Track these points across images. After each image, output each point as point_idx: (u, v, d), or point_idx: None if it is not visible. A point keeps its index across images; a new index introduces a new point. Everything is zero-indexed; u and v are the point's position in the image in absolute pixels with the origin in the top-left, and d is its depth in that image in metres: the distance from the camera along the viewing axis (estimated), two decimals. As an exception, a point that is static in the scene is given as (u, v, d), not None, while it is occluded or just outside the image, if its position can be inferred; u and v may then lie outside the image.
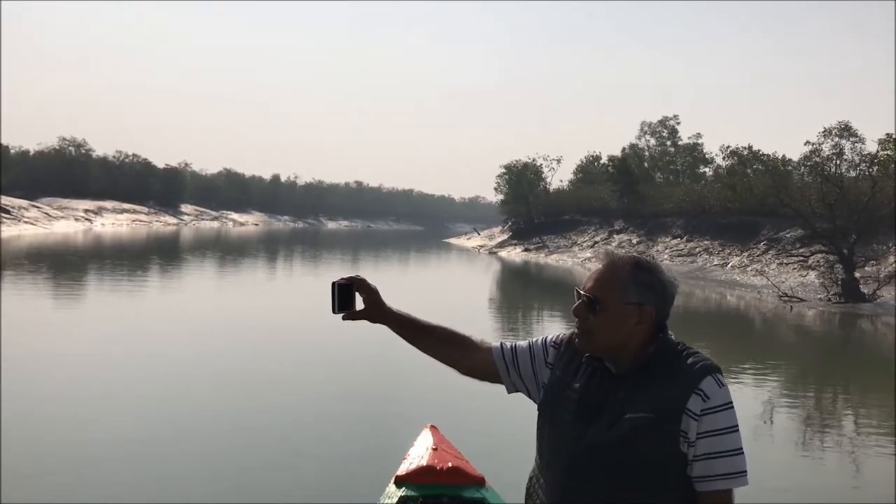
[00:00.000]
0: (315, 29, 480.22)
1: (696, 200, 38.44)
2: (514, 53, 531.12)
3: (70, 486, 5.31)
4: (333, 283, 1.94)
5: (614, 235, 42.23)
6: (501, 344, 2.03)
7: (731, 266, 31.76)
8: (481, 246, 53.99)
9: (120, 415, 7.18)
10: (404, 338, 2.06)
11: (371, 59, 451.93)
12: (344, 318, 1.99)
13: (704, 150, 54.14)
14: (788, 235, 31.65)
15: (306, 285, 23.76)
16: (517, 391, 2.01)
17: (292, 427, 7.12)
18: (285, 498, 5.39)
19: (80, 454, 5.98)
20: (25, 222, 46.98)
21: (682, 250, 36.08)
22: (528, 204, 52.96)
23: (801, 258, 28.33)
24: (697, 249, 35.42)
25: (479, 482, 3.25)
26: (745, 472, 1.76)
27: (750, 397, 9.37)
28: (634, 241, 39.43)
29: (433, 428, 3.60)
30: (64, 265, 25.11)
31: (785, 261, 29.76)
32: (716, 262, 32.94)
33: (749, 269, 30.46)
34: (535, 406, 1.95)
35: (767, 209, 34.38)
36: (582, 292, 1.83)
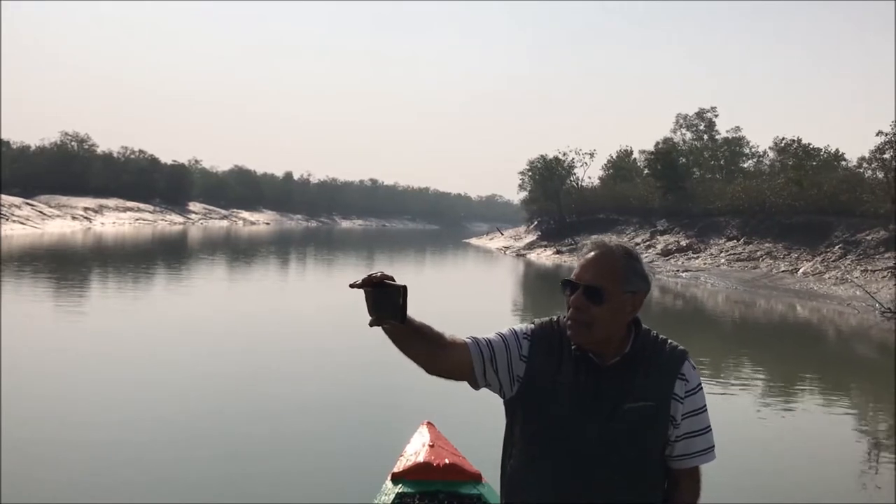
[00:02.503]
0: (331, 27, 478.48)
1: (753, 198, 34.19)
2: (531, 53, 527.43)
3: (70, 486, 5.27)
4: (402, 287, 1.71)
5: (658, 236, 38.03)
6: (475, 339, 1.89)
7: (803, 273, 27.60)
8: (506, 247, 49.98)
9: (118, 414, 7.10)
10: (397, 337, 1.81)
11: (387, 57, 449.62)
12: (374, 324, 1.76)
13: (750, 144, 49.81)
14: (869, 238, 27.51)
15: (312, 287, 23.00)
16: (487, 387, 1.91)
17: (288, 425, 7.06)
18: (281, 496, 5.29)
19: (81, 454, 5.93)
20: (15, 221, 43.31)
21: (740, 254, 31.90)
22: (559, 201, 48.70)
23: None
24: (759, 253, 31.24)
25: (476, 478, 3.27)
26: (714, 446, 1.88)
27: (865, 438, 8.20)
28: (683, 242, 35.24)
29: (430, 424, 3.68)
30: (44, 268, 22.66)
31: (869, 267, 25.63)
32: (783, 268, 28.77)
33: (826, 276, 26.30)
34: (510, 400, 1.90)
35: (839, 207, 30.33)
36: (579, 282, 1.80)
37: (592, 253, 1.84)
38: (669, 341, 1.89)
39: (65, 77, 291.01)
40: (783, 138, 42.26)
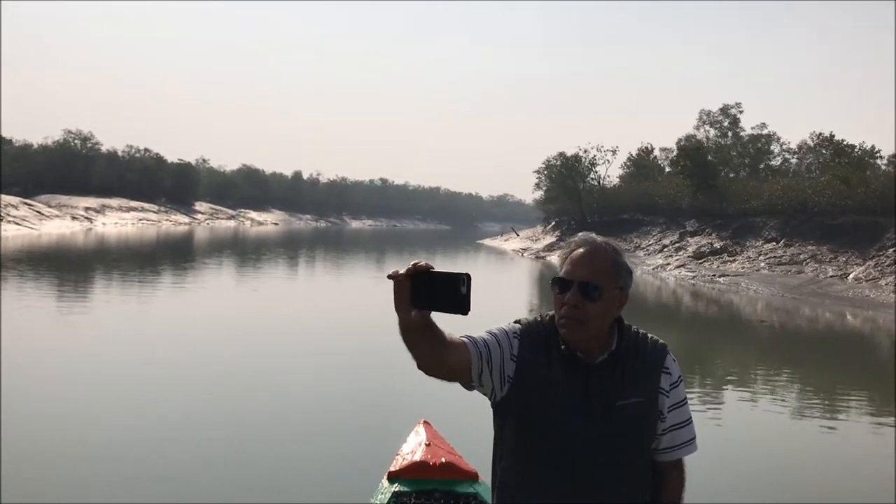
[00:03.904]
0: (341, 27, 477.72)
1: (793, 196, 31.81)
2: (543, 52, 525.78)
3: (70, 486, 5.26)
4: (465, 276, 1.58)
5: (688, 238, 35.64)
6: (472, 338, 1.83)
7: (854, 278, 25.23)
8: (523, 249, 47.63)
9: (116, 415, 7.05)
10: (416, 330, 1.68)
11: (398, 56, 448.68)
12: (415, 318, 1.65)
13: (781, 140, 47.31)
14: (928, 240, 25.15)
15: (315, 290, 22.41)
16: (479, 388, 1.85)
17: (285, 424, 7.01)
18: (278, 496, 5.28)
19: (81, 455, 5.93)
20: (10, 222, 41.31)
21: (781, 257, 29.52)
22: (580, 201, 46.20)
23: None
24: (802, 256, 28.85)
25: (473, 477, 3.27)
26: (696, 437, 1.91)
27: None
28: (717, 244, 32.88)
29: (426, 423, 3.67)
30: (31, 271, 21.28)
31: (932, 273, 23.26)
32: (831, 273, 26.39)
33: (882, 283, 23.93)
34: (500, 401, 1.86)
35: (891, 207, 27.94)
36: (573, 280, 1.78)
37: (582, 249, 1.81)
38: (650, 336, 1.90)
39: (71, 77, 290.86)
40: (819, 133, 39.83)
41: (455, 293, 1.56)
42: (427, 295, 1.58)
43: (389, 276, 1.62)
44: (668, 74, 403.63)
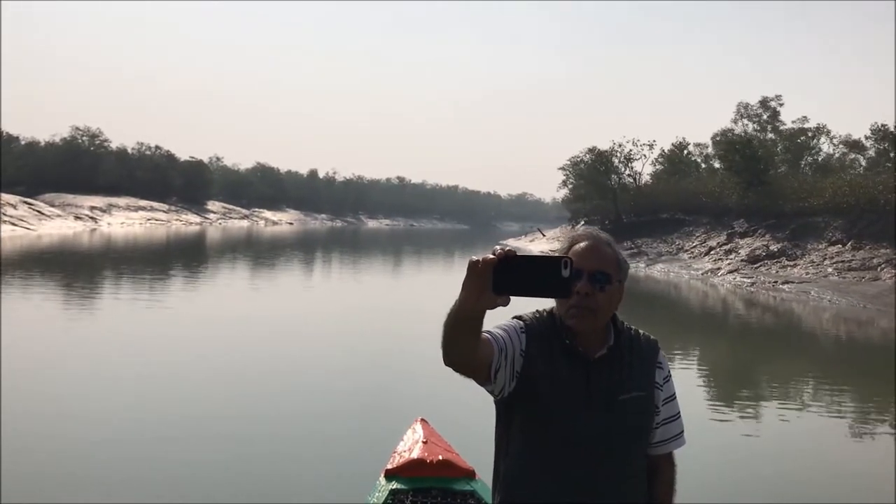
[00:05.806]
0: (357, 27, 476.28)
1: (861, 194, 28.54)
2: (563, 51, 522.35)
3: (71, 485, 5.22)
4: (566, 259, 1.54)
5: (737, 239, 32.41)
6: (491, 334, 1.80)
7: (944, 287, 21.98)
8: (553, 251, 44.40)
9: (116, 415, 6.99)
10: (474, 321, 1.58)
11: (416, 56, 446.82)
12: (502, 304, 1.55)
13: (831, 134, 43.87)
14: None
15: (316, 291, 21.77)
16: (493, 384, 1.80)
17: (282, 423, 7.00)
18: (275, 494, 5.23)
19: (82, 454, 5.91)
20: (6, 222, 38.77)
21: (850, 261, 26.23)
22: (615, 199, 42.87)
23: None
24: (875, 261, 25.56)
25: (470, 475, 3.23)
26: (684, 430, 1.93)
27: None
28: (773, 247, 29.64)
29: (423, 421, 3.65)
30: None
31: None
32: (914, 281, 23.15)
33: (982, 293, 20.70)
34: (507, 397, 1.83)
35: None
36: (582, 270, 1.76)
37: (587, 242, 1.82)
38: (642, 332, 1.91)
39: (78, 77, 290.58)
40: (882, 125, 36.40)
41: (556, 276, 1.52)
42: (517, 280, 1.51)
43: (473, 261, 1.53)
44: (687, 73, 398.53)
